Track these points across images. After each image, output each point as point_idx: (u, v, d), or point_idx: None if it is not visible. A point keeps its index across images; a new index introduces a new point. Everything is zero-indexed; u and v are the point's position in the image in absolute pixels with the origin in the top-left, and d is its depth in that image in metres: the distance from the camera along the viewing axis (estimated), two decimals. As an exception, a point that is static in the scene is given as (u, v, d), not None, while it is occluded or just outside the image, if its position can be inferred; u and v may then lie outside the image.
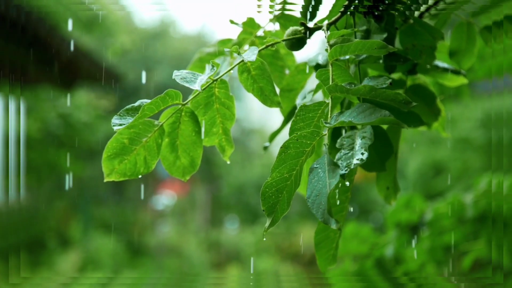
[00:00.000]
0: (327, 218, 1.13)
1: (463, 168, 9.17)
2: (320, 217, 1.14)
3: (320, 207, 1.14)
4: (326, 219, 1.13)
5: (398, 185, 1.70)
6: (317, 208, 1.14)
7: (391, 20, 1.53)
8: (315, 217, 1.15)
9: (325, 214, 1.13)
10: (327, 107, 1.28)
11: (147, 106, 1.33)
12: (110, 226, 12.57)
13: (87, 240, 11.45)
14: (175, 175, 1.48)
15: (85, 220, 12.30)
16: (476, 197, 3.16)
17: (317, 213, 1.14)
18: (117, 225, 12.85)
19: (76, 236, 11.47)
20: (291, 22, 1.73)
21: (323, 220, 1.13)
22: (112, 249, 11.21)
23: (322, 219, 1.13)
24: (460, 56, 1.77)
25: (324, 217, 1.13)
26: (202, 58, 1.77)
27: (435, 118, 1.73)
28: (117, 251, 11.34)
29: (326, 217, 1.13)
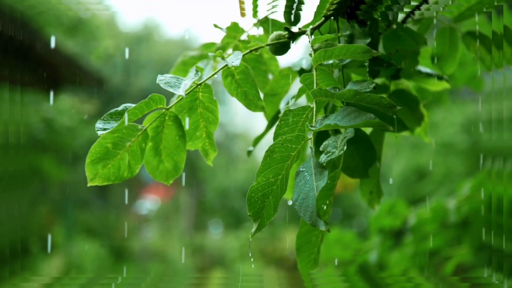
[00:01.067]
0: (316, 220, 1.13)
1: (446, 173, 9.21)
2: (308, 219, 1.14)
3: (308, 210, 1.14)
4: (315, 221, 1.13)
5: (381, 190, 1.71)
6: (304, 211, 1.14)
7: (375, 25, 1.54)
8: (299, 222, 1.15)
9: (313, 216, 1.13)
10: (311, 111, 1.28)
11: (131, 110, 1.33)
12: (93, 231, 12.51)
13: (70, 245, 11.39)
14: (159, 179, 1.48)
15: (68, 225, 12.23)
16: (459, 202, 3.17)
17: (305, 216, 1.14)
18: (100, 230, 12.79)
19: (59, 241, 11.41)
20: (275, 27, 1.73)
21: (311, 222, 1.13)
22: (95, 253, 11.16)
23: (310, 222, 1.13)
24: (443, 61, 1.78)
25: (313, 219, 1.13)
26: (186, 62, 1.77)
27: (418, 123, 1.74)
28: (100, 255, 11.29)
29: (314, 219, 1.13)
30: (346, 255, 3.33)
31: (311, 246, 1.47)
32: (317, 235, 1.47)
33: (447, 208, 3.21)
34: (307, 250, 1.47)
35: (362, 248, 3.35)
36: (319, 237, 1.47)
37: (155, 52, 18.91)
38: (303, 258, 1.48)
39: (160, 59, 18.13)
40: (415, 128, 1.77)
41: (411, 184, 9.81)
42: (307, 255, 1.48)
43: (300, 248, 1.47)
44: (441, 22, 1.77)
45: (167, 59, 17.41)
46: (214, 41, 1.79)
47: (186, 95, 1.32)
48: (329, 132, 1.54)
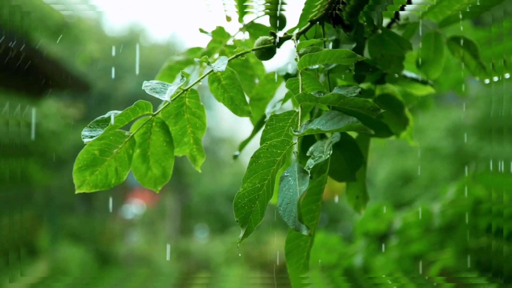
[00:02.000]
0: (298, 225, 1.13)
1: (431, 177, 9.24)
2: (292, 224, 1.14)
3: (291, 215, 1.14)
4: (297, 226, 1.13)
5: (367, 194, 1.72)
6: (288, 216, 1.15)
7: (360, 30, 1.54)
8: (285, 226, 1.15)
9: (296, 221, 1.14)
10: (297, 116, 1.29)
11: (118, 117, 1.33)
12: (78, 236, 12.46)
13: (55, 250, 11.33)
14: (147, 186, 1.47)
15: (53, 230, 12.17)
16: (443, 206, 3.19)
17: (289, 221, 1.15)
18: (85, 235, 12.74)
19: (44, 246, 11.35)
20: (260, 32, 1.74)
21: (295, 227, 1.14)
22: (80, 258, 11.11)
23: (293, 226, 1.14)
24: (428, 66, 1.79)
25: (295, 224, 1.14)
26: (172, 67, 1.77)
27: (403, 128, 1.74)
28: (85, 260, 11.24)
29: (297, 224, 1.13)
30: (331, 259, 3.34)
31: (300, 251, 1.48)
32: (305, 240, 1.47)
33: (432, 212, 3.22)
34: (297, 255, 1.48)
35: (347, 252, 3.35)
36: (308, 241, 1.47)
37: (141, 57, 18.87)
38: (292, 263, 1.48)
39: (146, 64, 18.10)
40: (401, 132, 1.78)
41: (396, 188, 9.84)
42: (296, 259, 1.48)
43: (290, 253, 1.47)
44: (426, 27, 1.78)
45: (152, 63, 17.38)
46: (200, 46, 1.79)
47: (172, 100, 1.32)
48: (315, 136, 1.54)
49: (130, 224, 15.71)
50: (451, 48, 1.75)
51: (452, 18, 1.74)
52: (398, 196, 9.57)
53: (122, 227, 15.01)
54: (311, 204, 1.46)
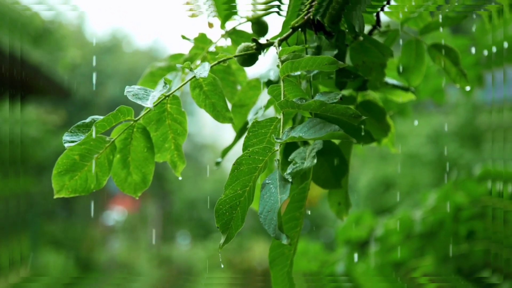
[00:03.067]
0: (279, 234, 1.13)
1: (412, 183, 9.29)
2: (272, 232, 1.14)
3: (272, 223, 1.14)
4: (278, 234, 1.13)
5: (349, 201, 1.72)
6: (269, 224, 1.15)
7: (342, 37, 1.55)
8: (267, 232, 1.15)
9: (276, 230, 1.13)
10: (279, 122, 1.29)
11: (99, 123, 1.32)
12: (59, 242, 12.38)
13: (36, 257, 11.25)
14: (127, 192, 1.47)
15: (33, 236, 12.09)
16: (425, 213, 3.20)
17: (269, 229, 1.14)
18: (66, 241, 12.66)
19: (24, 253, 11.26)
20: (242, 38, 1.74)
21: (275, 235, 1.13)
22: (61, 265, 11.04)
23: (274, 235, 1.14)
24: (409, 73, 1.80)
25: (276, 232, 1.13)
26: (154, 73, 1.77)
27: (385, 134, 1.75)
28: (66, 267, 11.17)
29: (277, 232, 1.13)
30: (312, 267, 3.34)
31: (284, 259, 1.47)
32: (289, 248, 1.46)
33: (413, 219, 3.24)
34: (280, 263, 1.47)
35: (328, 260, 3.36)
36: (292, 249, 1.47)
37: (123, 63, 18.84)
38: (276, 271, 1.48)
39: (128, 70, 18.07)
40: (382, 139, 1.78)
41: (378, 195, 9.88)
42: (280, 268, 1.47)
43: (273, 261, 1.47)
44: (407, 34, 1.78)
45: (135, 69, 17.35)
46: (182, 52, 1.79)
47: (154, 107, 1.32)
48: (297, 143, 1.54)
49: (112, 230, 15.64)
50: (432, 55, 1.76)
51: (432, 25, 1.74)
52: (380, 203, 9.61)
53: (103, 233, 14.94)
54: (295, 211, 1.46)
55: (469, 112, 9.43)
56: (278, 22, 1.64)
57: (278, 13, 1.71)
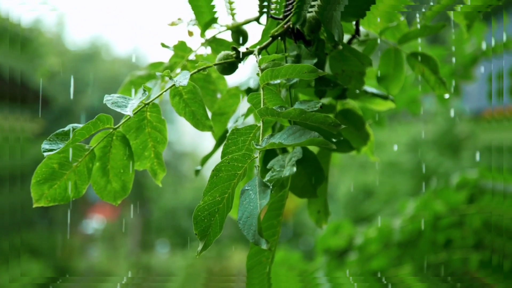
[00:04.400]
0: (258, 239, 1.13)
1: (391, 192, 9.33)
2: (251, 238, 1.14)
3: (251, 228, 1.14)
4: (257, 239, 1.13)
5: (328, 209, 1.72)
6: (248, 229, 1.15)
7: (321, 45, 1.55)
8: (247, 240, 1.15)
9: (256, 235, 1.13)
10: (258, 130, 1.29)
11: (78, 131, 1.31)
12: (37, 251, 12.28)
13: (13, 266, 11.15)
14: (106, 200, 1.46)
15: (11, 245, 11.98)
16: (403, 222, 3.22)
17: (248, 234, 1.14)
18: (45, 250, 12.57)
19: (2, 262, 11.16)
20: (222, 46, 1.74)
21: (254, 241, 1.13)
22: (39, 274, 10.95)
23: (253, 240, 1.14)
24: (388, 81, 1.81)
25: (255, 238, 1.13)
26: (133, 81, 1.76)
27: (364, 143, 1.76)
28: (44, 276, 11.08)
29: (256, 237, 1.13)
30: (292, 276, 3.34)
31: (261, 267, 1.47)
32: (267, 256, 1.46)
33: (392, 227, 3.25)
34: (258, 271, 1.47)
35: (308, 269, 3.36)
36: (269, 257, 1.47)
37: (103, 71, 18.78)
38: (254, 279, 1.48)
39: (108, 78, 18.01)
40: (361, 147, 1.79)
41: (357, 203, 9.91)
42: (258, 275, 1.47)
43: (251, 269, 1.47)
44: (386, 44, 1.79)
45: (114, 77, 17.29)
46: (162, 61, 1.79)
47: (133, 114, 1.32)
48: (277, 150, 1.54)
49: (91, 239, 15.55)
50: (411, 63, 1.77)
51: (410, 35, 1.76)
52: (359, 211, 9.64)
53: (82, 242, 14.85)
54: (272, 219, 1.46)
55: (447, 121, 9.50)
56: (257, 31, 1.65)
57: (258, 22, 1.72)
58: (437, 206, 3.17)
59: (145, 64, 1.81)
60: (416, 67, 1.76)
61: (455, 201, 3.19)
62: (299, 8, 1.49)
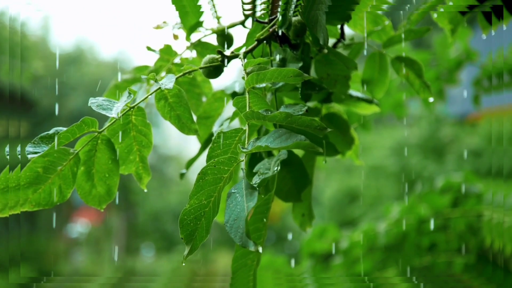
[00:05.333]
0: (246, 241, 1.13)
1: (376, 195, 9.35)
2: (239, 240, 1.14)
3: (239, 231, 1.14)
4: (245, 242, 1.13)
5: (313, 213, 1.72)
6: (235, 232, 1.14)
7: (307, 49, 1.55)
8: (232, 244, 1.15)
9: (243, 237, 1.13)
10: (244, 133, 1.29)
11: (63, 134, 1.31)
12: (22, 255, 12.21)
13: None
14: (91, 204, 1.45)
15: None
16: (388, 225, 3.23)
17: (235, 237, 1.14)
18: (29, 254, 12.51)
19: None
20: (208, 50, 1.74)
21: (242, 243, 1.13)
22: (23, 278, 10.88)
23: (240, 243, 1.13)
24: (373, 85, 1.81)
25: (243, 240, 1.13)
26: (119, 85, 1.76)
27: (349, 147, 1.76)
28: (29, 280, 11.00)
29: (244, 240, 1.13)
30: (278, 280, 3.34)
31: (247, 270, 1.47)
32: (252, 259, 1.46)
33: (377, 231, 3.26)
34: (243, 274, 1.47)
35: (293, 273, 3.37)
36: (255, 260, 1.47)
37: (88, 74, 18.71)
38: (239, 283, 1.47)
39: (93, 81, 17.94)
40: (346, 151, 1.79)
41: (343, 207, 9.93)
42: (243, 278, 1.47)
43: (236, 272, 1.46)
44: (370, 47, 1.80)
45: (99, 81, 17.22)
46: (147, 64, 1.78)
47: (119, 117, 1.31)
48: (262, 154, 1.54)
49: (75, 243, 15.49)
50: (396, 67, 1.77)
51: (395, 39, 1.76)
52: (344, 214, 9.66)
53: (66, 246, 14.79)
54: (258, 222, 1.46)
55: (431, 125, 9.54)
56: (243, 34, 1.65)
57: (243, 25, 1.72)
58: (422, 209, 3.19)
59: (131, 68, 1.81)
60: (400, 71, 1.77)
61: (439, 205, 3.20)
62: (285, 12, 1.49)
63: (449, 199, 3.22)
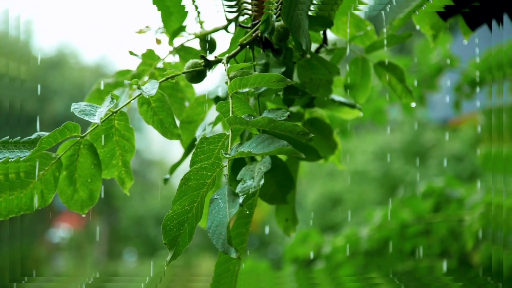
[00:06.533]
0: (227, 248, 1.13)
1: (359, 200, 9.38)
2: (220, 247, 1.13)
3: (220, 237, 1.14)
4: (226, 248, 1.13)
5: (297, 217, 1.73)
6: (217, 238, 1.14)
7: (289, 54, 1.56)
8: (215, 249, 1.15)
9: (225, 244, 1.13)
10: (227, 139, 1.29)
11: (45, 139, 1.30)
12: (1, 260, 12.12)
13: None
14: (73, 209, 1.44)
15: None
16: (371, 230, 3.24)
17: (217, 243, 1.14)
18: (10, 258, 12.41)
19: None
20: (191, 55, 1.74)
21: (223, 249, 1.13)
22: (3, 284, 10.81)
23: (222, 249, 1.13)
24: (355, 90, 1.82)
25: (224, 247, 1.13)
26: (101, 89, 1.75)
27: (332, 151, 1.76)
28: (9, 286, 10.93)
29: (226, 246, 1.13)
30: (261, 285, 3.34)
31: (229, 275, 1.47)
32: (235, 264, 1.46)
33: (360, 236, 3.27)
34: (226, 279, 1.47)
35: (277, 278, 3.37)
36: (237, 265, 1.47)
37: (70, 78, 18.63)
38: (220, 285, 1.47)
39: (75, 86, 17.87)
40: (329, 156, 1.80)
41: (326, 211, 9.94)
42: (226, 284, 1.47)
43: (219, 277, 1.46)
44: (353, 52, 1.81)
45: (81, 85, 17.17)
46: (129, 69, 1.78)
47: (101, 123, 1.31)
48: (245, 159, 1.55)
49: (57, 248, 15.40)
50: (378, 72, 1.78)
51: (377, 44, 1.77)
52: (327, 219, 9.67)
53: (48, 251, 14.70)
54: (241, 227, 1.46)
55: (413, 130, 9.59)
56: (226, 39, 1.65)
57: (226, 30, 1.72)
58: (404, 214, 3.20)
59: (113, 72, 1.81)
60: (383, 76, 1.78)
61: (421, 210, 3.22)
62: (267, 17, 1.50)
63: (431, 204, 3.23)
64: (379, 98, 3.31)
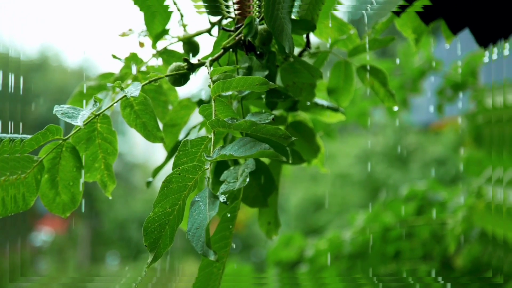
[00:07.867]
0: (206, 251, 1.13)
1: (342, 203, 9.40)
2: (200, 249, 1.13)
3: (200, 240, 1.14)
4: (205, 251, 1.13)
5: (279, 220, 1.73)
6: (197, 241, 1.14)
7: (272, 58, 1.56)
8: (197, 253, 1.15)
9: (204, 247, 1.13)
10: (209, 142, 1.29)
11: (27, 142, 1.30)
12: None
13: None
14: (55, 212, 1.44)
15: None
16: (354, 233, 3.25)
17: (197, 246, 1.14)
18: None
19: None
20: (174, 58, 1.74)
21: (203, 252, 1.13)
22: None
23: (201, 252, 1.13)
24: (338, 94, 1.82)
25: (204, 249, 1.13)
26: (83, 92, 1.75)
27: (315, 155, 1.77)
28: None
29: (205, 249, 1.13)
30: (243, 286, 3.34)
31: (212, 279, 1.47)
32: (218, 267, 1.46)
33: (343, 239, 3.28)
34: (209, 283, 1.47)
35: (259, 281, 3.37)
36: (221, 269, 1.46)
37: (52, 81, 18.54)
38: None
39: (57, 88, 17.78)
40: (312, 159, 1.80)
41: (309, 214, 9.96)
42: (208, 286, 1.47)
43: (201, 281, 1.46)
44: (336, 56, 1.81)
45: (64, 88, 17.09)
46: (112, 72, 1.77)
47: (84, 126, 1.30)
48: (228, 162, 1.55)
49: (39, 251, 15.31)
50: (361, 76, 1.79)
51: (360, 48, 1.78)
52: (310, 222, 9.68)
53: (30, 254, 14.62)
54: (225, 230, 1.46)
55: (396, 133, 9.63)
56: (209, 42, 1.65)
57: (210, 34, 1.72)
58: (387, 218, 3.21)
59: (96, 75, 1.80)
60: (365, 80, 1.78)
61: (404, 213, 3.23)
62: (251, 21, 1.50)
63: (414, 207, 3.25)
64: (362, 100, 3.33)
